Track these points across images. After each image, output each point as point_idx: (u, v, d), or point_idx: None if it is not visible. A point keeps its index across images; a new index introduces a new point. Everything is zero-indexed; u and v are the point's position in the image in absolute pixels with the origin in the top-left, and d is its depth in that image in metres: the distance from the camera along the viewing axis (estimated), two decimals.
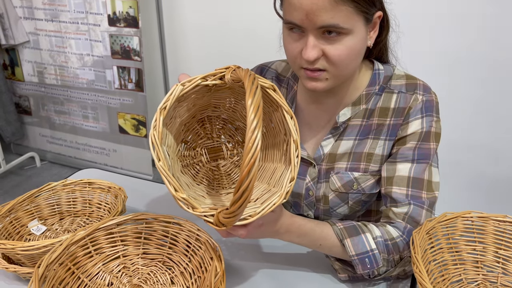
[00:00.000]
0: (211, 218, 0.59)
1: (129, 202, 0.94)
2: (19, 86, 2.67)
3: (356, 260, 0.73)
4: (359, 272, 0.75)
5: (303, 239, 0.74)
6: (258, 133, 0.46)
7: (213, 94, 0.72)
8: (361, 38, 0.71)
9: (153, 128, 0.61)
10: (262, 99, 0.50)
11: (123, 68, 2.29)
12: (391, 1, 0.76)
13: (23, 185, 2.56)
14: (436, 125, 0.80)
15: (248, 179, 0.47)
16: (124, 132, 2.48)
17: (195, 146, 0.83)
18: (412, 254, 0.65)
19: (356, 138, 0.84)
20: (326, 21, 0.66)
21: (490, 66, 1.74)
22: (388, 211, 0.78)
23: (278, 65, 0.93)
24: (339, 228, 0.75)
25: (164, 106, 0.61)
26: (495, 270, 0.76)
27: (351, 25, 0.68)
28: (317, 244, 0.75)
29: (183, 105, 0.69)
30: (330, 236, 0.75)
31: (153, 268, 0.79)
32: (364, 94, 0.82)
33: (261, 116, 0.47)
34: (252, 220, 0.60)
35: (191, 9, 2.19)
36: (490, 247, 0.77)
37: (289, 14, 0.69)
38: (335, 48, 0.69)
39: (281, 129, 0.69)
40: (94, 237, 0.76)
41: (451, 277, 0.76)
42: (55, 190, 0.95)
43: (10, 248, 0.73)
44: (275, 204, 0.62)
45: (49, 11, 2.36)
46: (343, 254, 0.75)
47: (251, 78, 0.52)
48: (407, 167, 0.79)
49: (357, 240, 0.73)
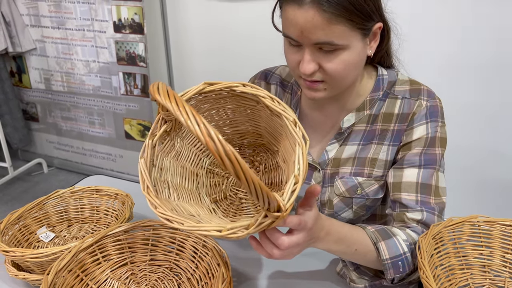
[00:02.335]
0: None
1: (136, 209, 0.95)
2: (26, 93, 2.70)
3: (389, 264, 0.71)
4: (389, 277, 0.72)
5: (340, 245, 0.68)
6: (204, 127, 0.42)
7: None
8: (358, 52, 0.71)
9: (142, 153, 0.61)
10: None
11: (129, 74, 2.31)
12: (391, 11, 0.76)
13: (30, 191, 2.58)
14: (442, 130, 0.80)
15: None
16: (130, 138, 2.49)
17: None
18: (419, 259, 0.65)
19: (360, 143, 0.84)
20: (320, 38, 0.66)
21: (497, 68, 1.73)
22: (402, 216, 0.78)
23: (282, 70, 0.94)
24: (371, 231, 0.73)
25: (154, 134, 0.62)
26: (502, 274, 0.76)
27: (346, 41, 0.68)
28: (353, 249, 0.70)
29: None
30: (364, 240, 0.71)
31: (161, 275, 0.79)
32: (368, 99, 0.82)
33: (195, 112, 0.43)
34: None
35: (196, 15, 2.21)
36: (497, 252, 0.77)
37: (287, 28, 0.70)
38: (332, 62, 0.70)
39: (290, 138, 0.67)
40: (102, 244, 0.77)
41: (458, 282, 0.76)
42: (63, 197, 0.96)
43: (19, 256, 0.74)
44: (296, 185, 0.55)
45: (55, 18, 2.39)
46: (375, 259, 0.72)
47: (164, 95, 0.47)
48: (414, 172, 0.79)
49: (390, 243, 0.71)
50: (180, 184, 0.69)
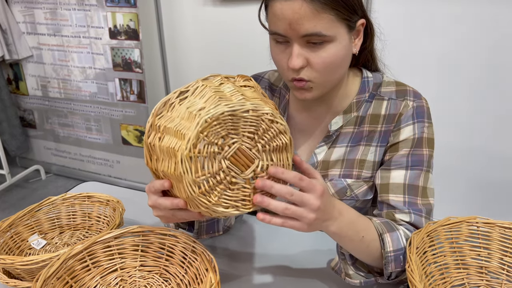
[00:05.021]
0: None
1: (128, 215, 0.95)
2: (24, 100, 2.71)
3: (392, 257, 0.71)
4: (390, 271, 0.72)
5: (351, 228, 0.68)
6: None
7: None
8: (344, 45, 0.72)
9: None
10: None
11: (125, 80, 2.32)
12: (378, 10, 0.77)
13: (28, 198, 2.58)
14: (429, 131, 0.81)
15: None
16: (127, 143, 2.50)
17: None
18: (407, 253, 0.65)
19: (348, 145, 0.84)
20: (309, 29, 0.68)
21: (489, 67, 1.74)
22: (391, 215, 0.78)
23: (271, 75, 0.95)
24: (377, 222, 0.73)
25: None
26: (499, 276, 0.76)
27: (333, 32, 0.69)
28: (360, 236, 0.69)
29: None
30: (371, 228, 0.71)
31: (150, 280, 0.80)
32: (355, 102, 0.83)
33: None
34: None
35: (191, 21, 2.22)
36: (495, 254, 0.76)
37: (274, 24, 0.71)
38: (319, 56, 0.70)
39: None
40: (92, 251, 0.77)
41: (453, 281, 0.76)
42: (55, 204, 0.97)
43: (9, 263, 0.75)
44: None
45: (51, 26, 2.40)
46: (376, 250, 0.71)
47: None
48: (401, 174, 0.79)
49: (394, 236, 0.72)
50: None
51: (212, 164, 0.57)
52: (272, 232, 0.95)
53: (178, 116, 0.60)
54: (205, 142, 0.56)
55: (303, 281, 0.81)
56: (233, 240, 0.94)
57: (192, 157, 0.55)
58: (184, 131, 0.56)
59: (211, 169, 0.57)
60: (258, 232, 0.96)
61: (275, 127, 0.59)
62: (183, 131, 0.57)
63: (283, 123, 0.60)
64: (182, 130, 0.57)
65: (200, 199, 0.57)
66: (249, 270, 0.84)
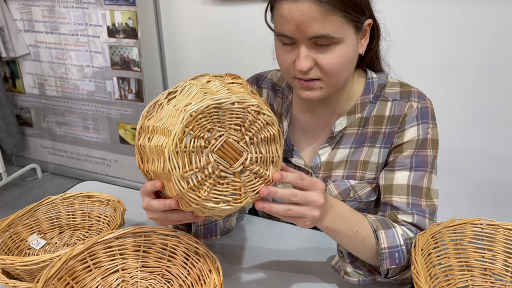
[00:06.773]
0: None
1: (129, 214, 0.94)
2: (20, 98, 2.69)
3: (387, 254, 0.71)
4: (385, 267, 0.71)
5: (344, 223, 0.69)
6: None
7: None
8: (352, 46, 0.72)
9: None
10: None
11: (123, 79, 2.31)
12: (381, 10, 0.76)
13: (24, 196, 2.56)
14: (433, 132, 0.80)
15: None
16: (125, 142, 2.48)
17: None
18: (412, 255, 0.65)
19: (352, 146, 0.84)
20: (317, 31, 0.67)
21: (492, 69, 1.74)
22: (394, 216, 0.78)
23: (274, 74, 0.94)
24: (372, 219, 0.73)
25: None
26: (504, 278, 0.75)
27: (341, 34, 0.68)
28: (354, 230, 0.70)
29: None
30: (365, 224, 0.72)
31: (152, 281, 0.79)
32: (359, 103, 0.82)
33: None
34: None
35: (190, 19, 2.21)
36: (500, 256, 0.76)
37: (281, 26, 0.70)
38: (327, 58, 0.70)
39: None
40: (93, 251, 0.76)
41: (457, 282, 0.75)
42: (54, 203, 0.96)
43: (9, 264, 0.73)
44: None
45: (49, 23, 2.38)
46: (372, 246, 0.72)
47: None
48: (405, 175, 0.79)
49: (389, 233, 0.72)
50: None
51: (200, 159, 0.57)
52: (274, 232, 0.95)
53: (166, 115, 0.60)
54: (191, 136, 0.55)
55: (309, 282, 0.81)
56: (235, 241, 0.93)
57: (179, 152, 0.55)
58: (170, 127, 0.56)
59: (199, 164, 0.57)
60: (260, 232, 0.96)
61: (261, 118, 0.59)
62: (169, 127, 0.57)
63: (270, 114, 0.59)
64: (169, 127, 0.57)
65: (189, 195, 0.56)
66: (252, 271, 0.84)
